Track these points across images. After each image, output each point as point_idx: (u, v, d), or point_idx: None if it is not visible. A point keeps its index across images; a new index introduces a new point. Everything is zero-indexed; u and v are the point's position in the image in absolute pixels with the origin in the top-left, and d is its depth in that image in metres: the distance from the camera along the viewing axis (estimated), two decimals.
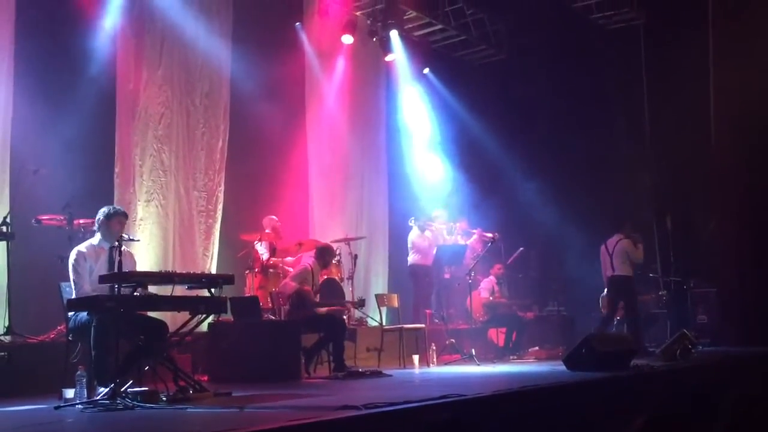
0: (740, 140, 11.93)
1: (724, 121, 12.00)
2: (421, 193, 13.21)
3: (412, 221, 11.66)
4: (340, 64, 12.43)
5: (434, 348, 9.53)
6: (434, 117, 13.81)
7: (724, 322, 11.65)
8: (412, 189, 13.25)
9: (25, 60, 8.40)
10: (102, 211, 6.37)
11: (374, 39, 12.59)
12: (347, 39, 12.08)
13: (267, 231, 10.04)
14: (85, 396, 5.52)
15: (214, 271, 9.89)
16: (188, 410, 5.33)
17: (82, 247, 6.35)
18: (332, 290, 9.00)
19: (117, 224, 6.29)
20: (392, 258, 12.77)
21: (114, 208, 6.46)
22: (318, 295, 8.62)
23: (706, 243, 12.25)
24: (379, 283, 12.47)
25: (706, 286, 11.93)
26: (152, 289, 6.43)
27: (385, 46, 12.71)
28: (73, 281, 6.20)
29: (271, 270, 9.77)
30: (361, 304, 9.19)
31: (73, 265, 6.21)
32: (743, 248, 11.75)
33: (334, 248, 9.40)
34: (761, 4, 11.57)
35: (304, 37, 11.93)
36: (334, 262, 9.50)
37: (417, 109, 13.67)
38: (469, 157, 13.75)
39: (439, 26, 13.33)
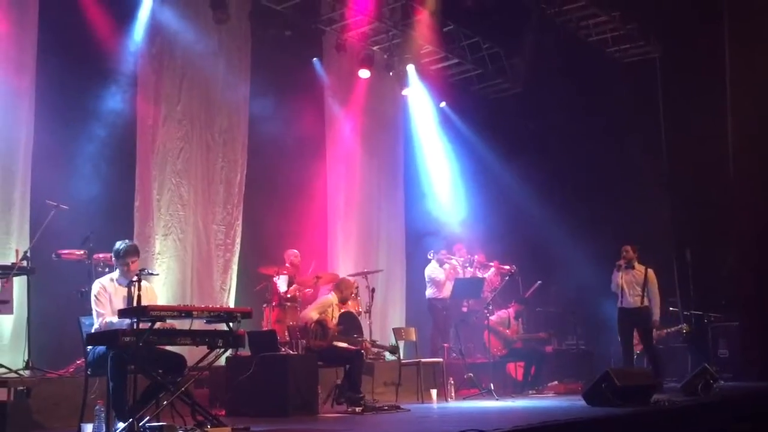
0: (761, 171, 11.85)
1: (743, 152, 11.95)
2: (439, 227, 13.21)
3: (431, 254, 11.62)
4: (358, 99, 12.54)
5: (452, 382, 9.45)
6: (451, 150, 13.85)
7: (745, 356, 11.50)
8: (430, 222, 13.24)
9: (45, 97, 8.55)
10: (115, 249, 6.40)
11: (390, 73, 12.71)
12: (364, 73, 12.20)
13: (287, 265, 10.05)
14: (104, 431, 5.51)
15: (231, 304, 9.92)
16: None
17: (103, 280, 6.40)
18: (350, 323, 8.93)
19: (130, 262, 6.30)
20: (410, 291, 12.74)
21: (125, 245, 6.37)
22: (337, 328, 8.59)
23: (726, 276, 12.12)
24: (397, 317, 12.43)
25: (727, 320, 11.78)
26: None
27: (402, 81, 12.84)
28: (96, 312, 6.23)
29: (288, 303, 9.74)
30: (393, 350, 9.40)
31: (95, 296, 6.25)
32: (765, 281, 11.62)
33: (352, 282, 9.36)
34: None
35: (321, 71, 12.06)
36: (351, 295, 9.45)
37: (434, 143, 13.72)
38: (486, 190, 13.76)
39: (456, 60, 13.41)
